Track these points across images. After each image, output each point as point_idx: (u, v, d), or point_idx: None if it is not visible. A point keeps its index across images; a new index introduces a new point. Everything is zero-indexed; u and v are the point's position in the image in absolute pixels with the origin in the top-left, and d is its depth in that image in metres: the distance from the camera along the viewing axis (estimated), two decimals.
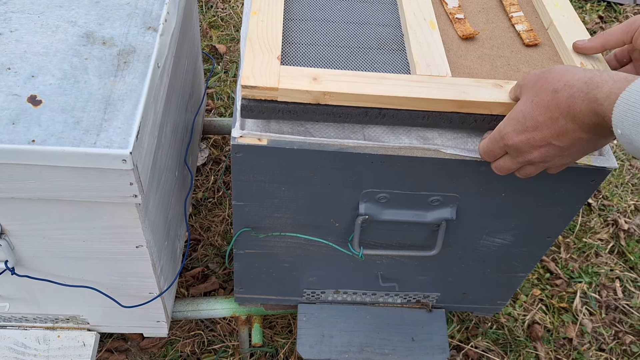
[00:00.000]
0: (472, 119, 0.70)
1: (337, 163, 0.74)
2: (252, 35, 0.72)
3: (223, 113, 1.79)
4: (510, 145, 0.64)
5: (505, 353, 1.35)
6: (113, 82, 0.71)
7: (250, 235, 0.88)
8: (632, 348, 1.39)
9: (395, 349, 1.04)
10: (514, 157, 0.65)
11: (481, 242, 0.90)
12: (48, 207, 0.74)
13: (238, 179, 0.77)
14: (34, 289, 0.91)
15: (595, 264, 1.54)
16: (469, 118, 0.70)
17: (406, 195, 0.80)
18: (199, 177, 1.62)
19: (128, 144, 0.65)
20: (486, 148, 0.69)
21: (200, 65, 1.31)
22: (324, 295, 1.05)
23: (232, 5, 2.18)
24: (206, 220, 1.52)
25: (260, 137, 0.72)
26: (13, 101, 0.68)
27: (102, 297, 0.90)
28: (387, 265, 0.96)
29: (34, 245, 0.81)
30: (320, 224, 0.86)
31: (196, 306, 1.13)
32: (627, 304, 1.47)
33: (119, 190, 0.70)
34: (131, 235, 0.79)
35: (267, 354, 1.31)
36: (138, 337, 1.29)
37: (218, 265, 1.43)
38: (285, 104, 0.68)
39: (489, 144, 0.68)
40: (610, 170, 0.75)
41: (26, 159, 0.65)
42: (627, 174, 1.78)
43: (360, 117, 0.70)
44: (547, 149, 0.61)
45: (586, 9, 2.36)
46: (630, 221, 1.64)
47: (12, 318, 0.99)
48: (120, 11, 0.81)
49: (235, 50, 2.00)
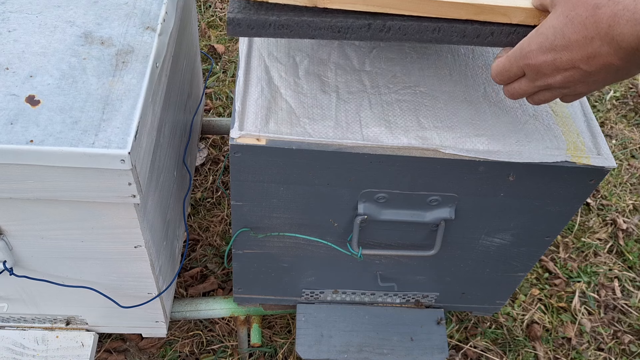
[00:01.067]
0: (489, 31, 0.63)
1: (335, 163, 0.74)
2: None
3: (222, 113, 1.79)
4: (531, 65, 0.57)
5: (504, 353, 1.35)
6: (111, 82, 0.71)
7: (249, 235, 0.88)
8: (631, 347, 1.39)
9: (394, 348, 1.04)
10: (533, 79, 0.58)
11: (480, 242, 0.90)
12: (46, 208, 0.74)
13: (237, 179, 0.77)
14: (33, 289, 0.91)
15: (593, 263, 1.55)
16: (485, 30, 0.63)
17: (405, 195, 0.80)
18: (198, 177, 1.62)
19: (126, 144, 0.64)
20: (502, 67, 0.61)
21: (198, 65, 1.31)
22: (323, 295, 1.05)
23: None
24: (205, 220, 1.51)
25: (259, 137, 0.72)
26: (11, 101, 0.68)
27: (101, 298, 0.90)
28: (385, 265, 0.96)
29: (32, 245, 0.81)
30: (319, 224, 0.86)
31: (195, 306, 1.13)
32: (625, 303, 1.47)
33: (117, 190, 0.70)
34: (130, 235, 0.79)
35: (266, 354, 1.31)
36: (137, 337, 1.29)
37: (217, 265, 1.43)
38: (277, 15, 0.62)
39: (506, 62, 0.60)
40: (608, 169, 0.75)
41: (24, 159, 0.65)
42: (626, 173, 1.78)
43: (363, 31, 0.63)
44: (572, 72, 0.55)
45: None
46: (629, 221, 1.65)
47: (11, 318, 0.99)
48: (119, 11, 0.81)
49: (234, 50, 2.00)
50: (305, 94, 0.78)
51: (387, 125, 0.75)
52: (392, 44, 0.88)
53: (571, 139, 0.77)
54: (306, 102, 0.77)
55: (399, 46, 0.87)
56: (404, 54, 0.86)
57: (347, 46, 0.86)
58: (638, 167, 1.80)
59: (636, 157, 1.84)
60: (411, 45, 0.88)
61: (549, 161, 0.74)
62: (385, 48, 0.87)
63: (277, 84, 0.78)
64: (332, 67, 0.82)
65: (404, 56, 0.86)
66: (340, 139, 0.73)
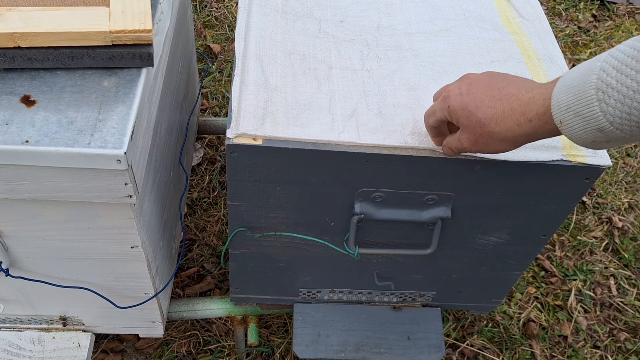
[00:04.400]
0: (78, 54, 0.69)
1: (331, 162, 0.74)
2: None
3: (218, 113, 1.78)
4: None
5: (500, 351, 1.36)
6: (107, 82, 0.71)
7: (245, 235, 0.88)
8: (627, 345, 1.40)
9: (391, 347, 1.04)
10: None
11: (476, 241, 0.90)
12: (42, 208, 0.74)
13: (233, 179, 0.77)
14: (29, 290, 0.91)
15: (589, 261, 1.55)
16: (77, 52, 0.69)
17: (401, 194, 0.80)
18: (194, 177, 1.61)
19: (122, 144, 0.64)
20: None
21: (194, 65, 1.31)
22: (320, 294, 1.05)
23: (226, 4, 2.18)
24: (201, 220, 1.51)
25: (255, 137, 0.72)
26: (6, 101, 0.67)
27: (97, 298, 0.90)
28: (382, 264, 0.96)
29: (28, 246, 0.81)
30: (316, 224, 0.86)
31: (192, 306, 1.13)
32: (621, 301, 1.48)
33: (113, 190, 0.69)
34: (126, 235, 0.79)
35: (263, 354, 1.31)
36: (133, 337, 1.28)
37: (213, 265, 1.43)
38: None
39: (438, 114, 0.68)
40: (604, 168, 0.76)
41: (20, 159, 0.64)
42: (621, 171, 1.79)
43: None
44: None
45: (580, 7, 2.37)
46: (624, 219, 1.65)
47: (7, 319, 0.99)
48: None
49: (230, 50, 1.99)
50: (302, 93, 0.78)
51: (384, 123, 0.75)
52: (392, 43, 0.88)
53: None
54: (302, 101, 0.77)
55: (397, 46, 0.88)
56: (403, 53, 0.86)
57: (345, 46, 0.86)
58: (633, 165, 1.81)
59: (631, 155, 1.84)
60: (409, 46, 0.88)
61: (545, 160, 0.74)
62: (383, 48, 0.87)
63: (274, 84, 0.78)
64: (329, 67, 0.82)
65: (402, 56, 0.86)
66: (336, 137, 0.73)
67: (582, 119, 0.53)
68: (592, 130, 0.53)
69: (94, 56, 0.69)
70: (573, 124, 0.54)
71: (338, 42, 0.87)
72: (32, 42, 0.67)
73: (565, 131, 0.56)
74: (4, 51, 0.67)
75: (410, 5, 0.96)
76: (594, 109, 0.52)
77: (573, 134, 0.55)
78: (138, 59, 0.71)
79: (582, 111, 0.53)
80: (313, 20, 0.90)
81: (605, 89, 0.51)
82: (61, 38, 0.67)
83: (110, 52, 0.69)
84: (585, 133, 0.54)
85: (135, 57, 0.70)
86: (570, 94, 0.54)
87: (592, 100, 0.52)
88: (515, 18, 0.96)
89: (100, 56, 0.70)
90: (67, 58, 0.69)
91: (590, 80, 0.52)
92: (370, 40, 0.88)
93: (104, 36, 0.68)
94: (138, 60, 0.71)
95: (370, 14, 0.93)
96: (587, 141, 0.55)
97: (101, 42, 0.69)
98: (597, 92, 0.51)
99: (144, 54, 0.70)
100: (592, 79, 0.52)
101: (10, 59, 0.68)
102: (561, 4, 2.37)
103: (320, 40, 0.86)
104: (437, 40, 0.89)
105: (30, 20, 0.68)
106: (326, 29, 0.89)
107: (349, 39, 0.88)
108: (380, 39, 0.88)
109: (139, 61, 0.71)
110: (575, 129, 0.54)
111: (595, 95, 0.52)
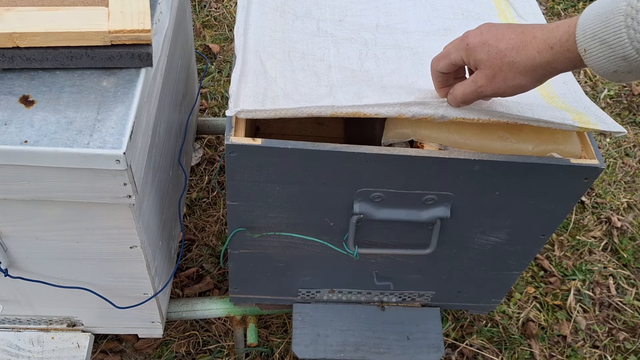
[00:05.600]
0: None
1: (331, 162, 0.74)
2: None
3: (217, 113, 1.78)
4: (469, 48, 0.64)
5: (500, 351, 1.36)
6: (106, 82, 0.71)
7: (245, 235, 0.87)
8: (626, 345, 1.40)
9: (390, 347, 1.04)
10: None
11: (475, 241, 0.90)
12: (41, 208, 0.74)
13: (232, 179, 0.77)
14: (28, 290, 0.91)
15: (588, 261, 1.55)
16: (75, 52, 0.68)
17: (400, 194, 0.80)
18: (193, 177, 1.61)
19: (121, 144, 0.64)
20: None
21: (193, 65, 1.31)
22: (319, 294, 1.05)
23: (225, 4, 2.18)
24: (201, 220, 1.51)
25: (254, 137, 0.72)
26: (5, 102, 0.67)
27: (97, 298, 0.90)
28: (381, 264, 0.96)
29: (27, 246, 0.81)
30: (315, 224, 0.86)
31: (191, 306, 1.13)
32: (620, 301, 1.48)
33: (112, 190, 0.69)
34: (125, 235, 0.79)
35: (262, 354, 1.31)
36: (133, 338, 1.28)
37: (213, 265, 1.43)
38: None
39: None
40: (603, 168, 0.76)
41: (19, 160, 0.64)
42: (620, 171, 1.79)
43: None
44: None
45: (579, 7, 2.37)
46: (623, 219, 1.65)
47: (6, 320, 0.98)
48: None
49: (229, 50, 1.99)
50: (302, 84, 0.78)
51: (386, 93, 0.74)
52: (391, 43, 0.88)
53: None
54: (303, 91, 0.76)
55: (396, 45, 0.88)
56: (401, 52, 0.86)
57: (344, 45, 0.86)
58: (632, 165, 1.81)
59: (630, 155, 1.85)
60: (408, 45, 0.88)
61: (557, 121, 0.73)
62: (382, 47, 0.87)
63: (273, 75, 0.78)
64: (328, 66, 0.82)
65: (401, 55, 0.86)
66: (337, 102, 0.72)
67: (608, 47, 0.53)
68: (617, 59, 0.53)
69: (93, 56, 0.69)
70: (597, 51, 0.54)
71: (337, 41, 0.87)
72: (31, 42, 0.67)
73: (589, 59, 0.55)
74: (2, 51, 0.67)
75: (409, 5, 0.96)
76: (622, 35, 0.52)
77: (596, 63, 0.55)
78: (137, 59, 0.71)
79: (609, 38, 0.53)
80: (312, 19, 0.90)
81: (635, 15, 0.51)
82: (60, 38, 0.67)
83: (109, 52, 0.69)
84: (609, 62, 0.54)
85: (134, 57, 0.70)
86: (597, 21, 0.53)
87: (620, 27, 0.52)
88: (514, 18, 0.96)
89: (99, 56, 0.70)
90: (66, 58, 0.69)
91: (619, 6, 0.52)
92: (369, 39, 0.88)
93: (103, 36, 0.68)
94: (137, 61, 0.71)
95: (369, 13, 0.93)
96: (609, 71, 0.55)
97: (100, 42, 0.68)
98: (626, 18, 0.51)
99: (143, 54, 0.70)
100: (622, 5, 0.52)
101: (9, 59, 0.68)
102: (560, 4, 2.37)
103: (319, 39, 0.86)
104: (436, 39, 0.90)
105: (28, 20, 0.68)
106: (325, 28, 0.89)
107: (347, 37, 0.88)
108: (379, 38, 0.88)
109: (138, 61, 0.71)
110: (599, 57, 0.54)
111: (623, 22, 0.51)
